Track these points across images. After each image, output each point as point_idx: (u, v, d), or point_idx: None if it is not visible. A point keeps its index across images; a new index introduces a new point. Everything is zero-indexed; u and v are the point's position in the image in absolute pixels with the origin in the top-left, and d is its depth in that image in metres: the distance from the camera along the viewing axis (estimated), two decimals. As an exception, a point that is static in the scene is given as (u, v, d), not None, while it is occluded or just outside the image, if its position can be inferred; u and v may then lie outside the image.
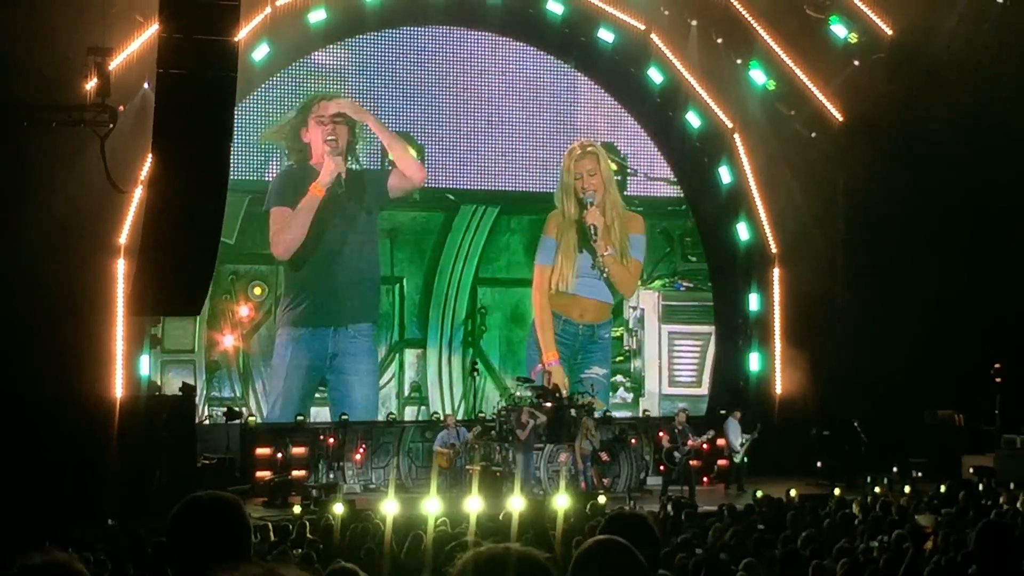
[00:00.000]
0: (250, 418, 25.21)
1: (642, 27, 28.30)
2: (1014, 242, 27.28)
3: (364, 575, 7.29)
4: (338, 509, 18.09)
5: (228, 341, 26.04)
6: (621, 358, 29.33)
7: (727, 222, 29.78)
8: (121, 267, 23.02)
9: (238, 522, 4.34)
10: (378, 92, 27.58)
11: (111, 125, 19.00)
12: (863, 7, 27.33)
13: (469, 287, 28.27)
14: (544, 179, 28.66)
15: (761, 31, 28.07)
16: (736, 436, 26.45)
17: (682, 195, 29.78)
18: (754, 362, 29.55)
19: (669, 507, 19.63)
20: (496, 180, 28.48)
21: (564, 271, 27.83)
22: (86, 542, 14.27)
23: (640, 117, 29.43)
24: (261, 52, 25.46)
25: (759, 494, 21.31)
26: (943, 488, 21.00)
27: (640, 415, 28.57)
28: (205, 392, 25.51)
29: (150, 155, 17.85)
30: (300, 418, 25.88)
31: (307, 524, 17.06)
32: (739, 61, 28.73)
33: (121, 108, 20.00)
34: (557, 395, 25.24)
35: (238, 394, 26.07)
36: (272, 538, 16.06)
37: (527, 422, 24.45)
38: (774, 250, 29.12)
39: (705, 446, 26.02)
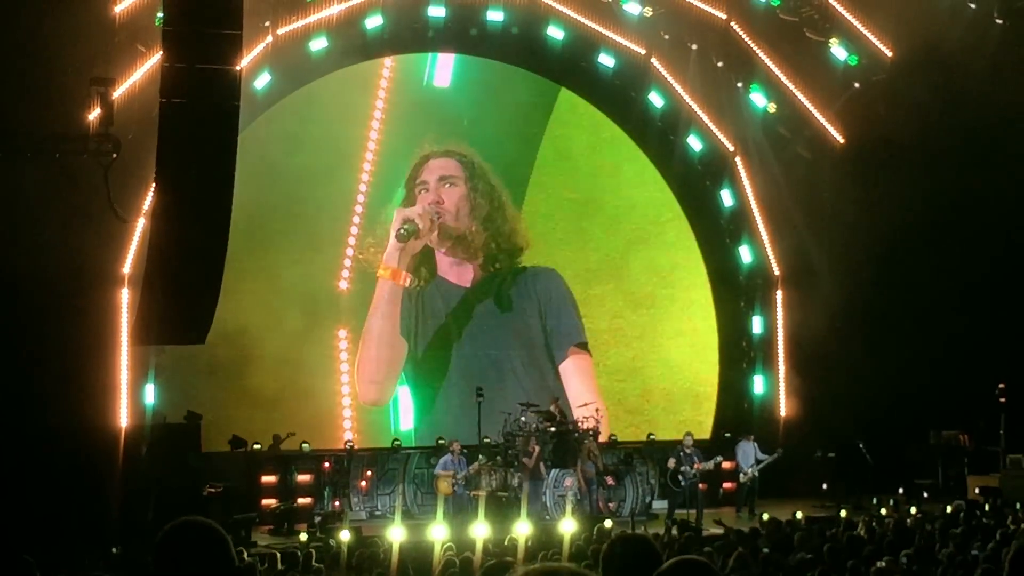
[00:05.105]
0: (255, 445, 25.16)
1: (642, 51, 28.39)
2: (1018, 262, 27.26)
3: None
4: (344, 536, 18.05)
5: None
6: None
7: (729, 245, 29.84)
8: (125, 297, 23.06)
9: (221, 548, 4.48)
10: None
11: (114, 155, 19.04)
12: (863, 30, 27.40)
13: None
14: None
15: (761, 54, 28.16)
16: (748, 459, 26.36)
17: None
18: (758, 385, 29.54)
19: (674, 530, 19.60)
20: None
21: None
22: (92, 570, 14.27)
23: (641, 141, 29.53)
24: (263, 81, 25.55)
25: (765, 517, 21.31)
26: (949, 509, 20.95)
27: (645, 439, 28.47)
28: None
29: (153, 184, 17.87)
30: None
31: (313, 552, 17.05)
32: (740, 84, 28.82)
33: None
34: (561, 420, 25.21)
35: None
36: (280, 566, 16.04)
37: (533, 449, 24.43)
38: (777, 273, 29.15)
39: (711, 468, 25.90)
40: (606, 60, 28.53)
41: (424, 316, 27.80)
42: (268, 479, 25.05)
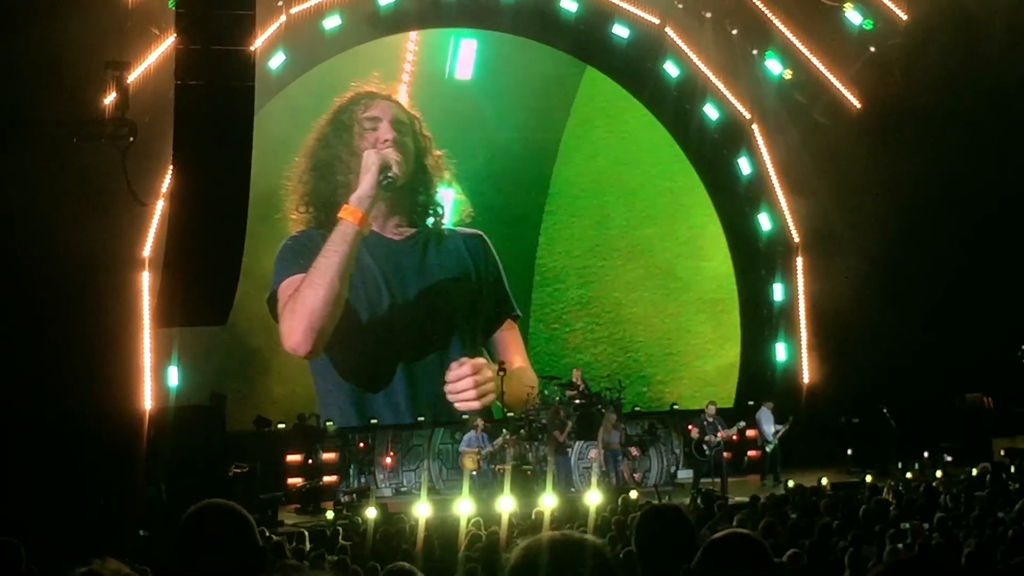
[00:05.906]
0: (279, 424, 25.20)
1: (656, 21, 28.32)
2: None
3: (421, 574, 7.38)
4: (371, 513, 18.11)
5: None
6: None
7: (749, 213, 29.77)
8: (146, 280, 23.11)
9: (244, 530, 4.47)
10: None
11: (131, 139, 19.04)
12: (878, -7, 27.31)
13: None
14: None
15: (776, 20, 28.03)
16: (769, 425, 26.34)
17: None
18: (780, 352, 29.50)
19: (699, 500, 19.63)
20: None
21: None
22: (120, 554, 14.31)
23: (658, 111, 29.46)
24: (277, 60, 25.52)
25: (791, 484, 21.32)
26: (975, 471, 20.93)
27: (668, 409, 28.42)
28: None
29: (171, 167, 17.89)
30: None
31: (340, 529, 17.12)
32: (755, 51, 28.71)
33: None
34: (585, 392, 25.21)
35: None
36: (308, 544, 16.11)
37: (565, 422, 24.40)
38: (796, 239, 29.09)
39: (735, 437, 25.86)
40: (620, 31, 28.46)
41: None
42: (293, 458, 25.04)
